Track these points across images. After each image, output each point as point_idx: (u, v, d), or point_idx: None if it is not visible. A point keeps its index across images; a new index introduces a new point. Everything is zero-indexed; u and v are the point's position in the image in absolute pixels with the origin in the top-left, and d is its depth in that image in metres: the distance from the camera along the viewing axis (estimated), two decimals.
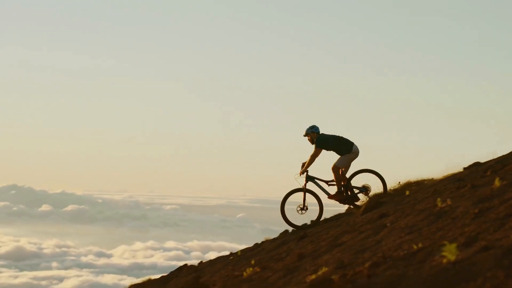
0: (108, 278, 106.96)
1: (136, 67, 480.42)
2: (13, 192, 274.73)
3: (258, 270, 11.05)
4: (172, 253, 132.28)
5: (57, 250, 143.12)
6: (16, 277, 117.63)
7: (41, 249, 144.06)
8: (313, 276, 8.75)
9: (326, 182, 15.67)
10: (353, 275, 7.24)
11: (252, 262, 12.20)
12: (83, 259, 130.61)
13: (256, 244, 15.61)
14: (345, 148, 15.38)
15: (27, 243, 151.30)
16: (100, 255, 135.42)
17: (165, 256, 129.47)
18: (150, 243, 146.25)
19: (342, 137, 15.55)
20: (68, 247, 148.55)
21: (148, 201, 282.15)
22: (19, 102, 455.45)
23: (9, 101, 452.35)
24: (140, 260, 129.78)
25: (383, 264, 7.60)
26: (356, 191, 15.54)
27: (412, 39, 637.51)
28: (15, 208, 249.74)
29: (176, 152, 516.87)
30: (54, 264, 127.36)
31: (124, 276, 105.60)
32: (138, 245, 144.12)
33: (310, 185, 15.77)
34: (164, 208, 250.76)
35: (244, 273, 11.13)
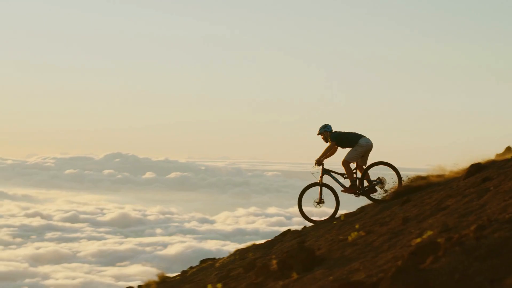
0: (211, 244, 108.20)
1: (241, 35, 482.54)
2: (117, 160, 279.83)
3: (363, 234, 11.17)
4: (274, 219, 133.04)
5: (161, 216, 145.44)
6: (121, 243, 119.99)
7: (145, 215, 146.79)
8: (418, 240, 8.83)
9: (342, 175, 16.02)
10: (459, 238, 7.30)
11: (356, 226, 12.32)
12: (187, 225, 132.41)
13: (359, 208, 15.71)
14: (352, 142, 15.77)
15: (131, 210, 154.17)
16: (203, 221, 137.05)
17: (267, 222, 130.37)
18: (252, 209, 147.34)
19: (351, 132, 15.95)
20: (172, 213, 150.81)
21: (250, 167, 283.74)
22: (126, 70, 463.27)
23: (118, 69, 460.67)
24: (242, 226, 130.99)
25: (489, 227, 7.62)
26: (368, 184, 15.74)
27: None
28: (119, 176, 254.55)
29: (277, 118, 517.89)
30: (158, 230, 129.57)
31: (227, 242, 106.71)
32: (240, 211, 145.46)
33: (327, 179, 16.11)
34: (265, 175, 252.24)
35: (349, 237, 11.26)
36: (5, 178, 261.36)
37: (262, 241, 16.18)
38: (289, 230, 16.13)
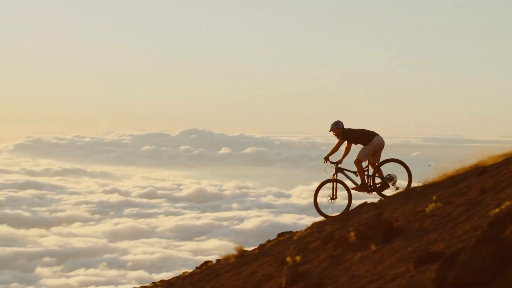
0: (287, 218, 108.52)
1: (310, 5, 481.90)
2: (193, 136, 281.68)
3: (440, 205, 11.16)
4: None
5: (237, 191, 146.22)
6: (198, 218, 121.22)
7: (221, 190, 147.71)
8: (496, 210, 8.82)
9: (355, 172, 16.39)
10: None
11: (434, 197, 12.28)
12: (263, 199, 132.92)
13: (434, 181, 15.67)
14: (365, 140, 16.03)
15: (208, 185, 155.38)
16: (279, 195, 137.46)
17: (342, 195, 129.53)
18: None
19: (364, 130, 16.23)
20: (248, 188, 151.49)
21: (325, 141, 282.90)
22: (200, 46, 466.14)
23: (192, 46, 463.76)
24: (318, 199, 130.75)
25: None
26: (380, 180, 16.02)
27: None
28: (195, 152, 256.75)
29: (349, 91, 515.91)
30: (235, 205, 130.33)
31: (303, 216, 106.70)
32: (316, 185, 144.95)
33: (340, 176, 16.63)
34: (340, 149, 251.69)
35: (426, 209, 11.26)
36: (83, 156, 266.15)
37: (338, 214, 16.31)
38: (365, 203, 16.26)
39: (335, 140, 16.09)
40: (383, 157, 16.30)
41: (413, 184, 15.80)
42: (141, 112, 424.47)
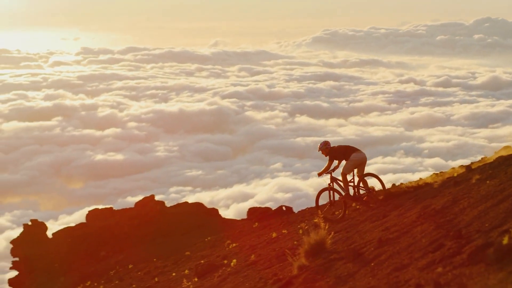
0: None
1: None
2: (487, 24, 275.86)
3: None
4: None
5: None
6: (493, 105, 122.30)
7: None
8: None
9: None
10: None
11: None
12: None
13: None
14: (346, 156, 17.78)
15: (502, 73, 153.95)
16: None
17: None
18: None
19: (347, 147, 18.02)
20: None
21: None
22: None
23: None
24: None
25: None
26: (365, 191, 17.84)
27: None
28: (489, 40, 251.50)
29: None
30: None
31: None
32: None
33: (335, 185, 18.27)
34: None
35: None
36: (379, 47, 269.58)
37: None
38: None
39: None
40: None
41: None
42: (436, 2, 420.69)
